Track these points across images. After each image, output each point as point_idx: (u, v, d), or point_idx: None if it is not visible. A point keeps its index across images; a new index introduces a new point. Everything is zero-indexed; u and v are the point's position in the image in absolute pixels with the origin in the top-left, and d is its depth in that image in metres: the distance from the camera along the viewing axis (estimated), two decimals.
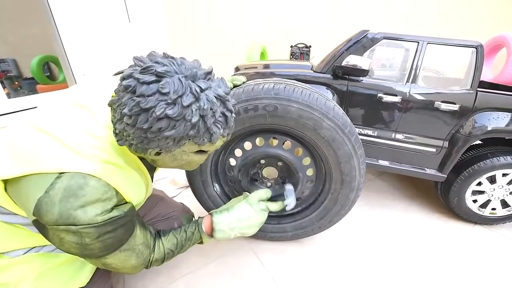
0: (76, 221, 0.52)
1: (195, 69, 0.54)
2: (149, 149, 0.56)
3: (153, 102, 0.49)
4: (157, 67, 0.50)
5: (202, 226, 0.82)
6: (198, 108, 0.52)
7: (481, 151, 1.34)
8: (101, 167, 0.55)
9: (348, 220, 1.46)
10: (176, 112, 0.50)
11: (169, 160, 0.63)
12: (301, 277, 1.11)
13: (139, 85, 0.50)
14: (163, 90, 0.49)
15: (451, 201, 1.42)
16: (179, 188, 1.80)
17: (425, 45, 1.29)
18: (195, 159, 0.65)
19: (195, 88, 0.52)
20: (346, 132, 0.94)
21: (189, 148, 0.59)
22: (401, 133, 1.38)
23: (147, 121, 0.50)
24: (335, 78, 1.38)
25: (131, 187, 0.62)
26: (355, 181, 1.02)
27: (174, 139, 0.54)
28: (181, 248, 0.80)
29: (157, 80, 0.50)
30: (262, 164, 1.16)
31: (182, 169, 0.72)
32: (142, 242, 0.69)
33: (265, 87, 0.94)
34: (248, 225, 0.84)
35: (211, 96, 0.54)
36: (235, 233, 0.83)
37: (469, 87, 1.27)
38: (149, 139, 0.53)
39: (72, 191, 0.51)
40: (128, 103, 0.50)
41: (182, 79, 0.51)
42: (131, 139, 0.54)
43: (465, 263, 1.21)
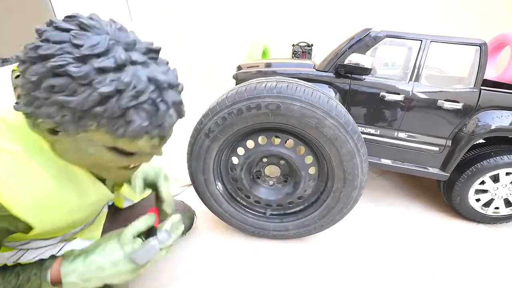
0: None
1: (137, 40, 0.43)
2: (38, 119, 0.40)
3: (55, 50, 0.37)
4: (84, 20, 0.39)
5: (48, 271, 0.52)
6: (117, 78, 0.38)
7: (484, 150, 1.33)
8: None
9: (350, 218, 1.45)
10: (81, 72, 0.37)
11: (71, 148, 0.45)
12: (303, 275, 1.11)
13: (51, 30, 0.39)
14: (75, 41, 0.37)
15: (453, 200, 1.42)
16: (182, 186, 1.81)
17: (428, 43, 1.29)
18: (106, 158, 0.47)
19: (124, 55, 0.39)
20: (349, 131, 0.94)
21: (98, 137, 0.43)
22: (403, 131, 1.37)
23: (38, 72, 0.37)
24: (338, 76, 1.38)
25: (29, 186, 0.45)
26: (358, 179, 1.02)
27: (74, 112, 0.39)
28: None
29: (73, 30, 0.39)
30: (264, 162, 1.17)
31: (95, 171, 0.53)
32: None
33: (268, 85, 0.94)
34: (112, 273, 0.55)
35: (142, 74, 0.40)
36: (95, 284, 0.55)
37: (472, 86, 1.27)
38: (39, 101, 0.39)
39: None
40: (29, 48, 0.38)
41: (110, 41, 0.39)
42: (22, 98, 0.40)
43: (468, 262, 1.21)
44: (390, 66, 1.59)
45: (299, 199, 1.17)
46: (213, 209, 1.21)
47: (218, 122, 0.99)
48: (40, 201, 0.47)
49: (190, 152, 1.09)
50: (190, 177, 1.15)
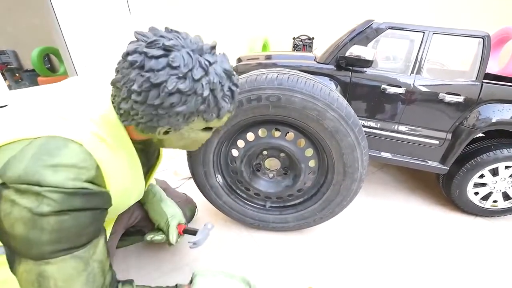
0: (41, 179, 0.43)
1: (200, 43, 0.53)
2: (158, 128, 0.54)
3: (164, 77, 0.47)
4: (164, 41, 0.48)
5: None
6: (208, 82, 0.51)
7: (484, 144, 1.33)
8: (88, 136, 0.50)
9: (349, 211, 1.46)
10: (187, 86, 0.49)
11: (176, 139, 0.62)
12: (303, 267, 1.12)
13: (147, 59, 0.47)
14: (174, 64, 0.47)
15: (452, 193, 1.43)
16: (182, 179, 1.81)
17: (431, 35, 1.27)
18: (201, 136, 0.63)
19: (204, 61, 0.50)
20: (350, 123, 0.94)
21: (196, 125, 0.58)
22: (404, 125, 1.37)
23: (158, 97, 0.48)
24: (339, 69, 1.37)
25: (115, 171, 0.55)
26: (358, 172, 1.02)
27: (185, 115, 0.52)
28: None
29: (166, 54, 0.48)
30: (264, 155, 1.16)
31: (186, 149, 0.71)
32: (100, 260, 0.54)
33: (268, 77, 0.93)
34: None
35: (219, 70, 0.53)
36: None
37: (474, 79, 1.26)
38: (160, 116, 0.51)
39: (47, 149, 0.45)
40: (137, 79, 0.48)
41: (190, 53, 0.50)
42: (140, 117, 0.51)
43: (466, 255, 1.22)
44: (391, 59, 1.58)
45: (299, 191, 1.17)
46: (213, 201, 1.21)
47: None
48: (119, 181, 0.58)
49: None
50: (190, 169, 1.15)
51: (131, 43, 0.51)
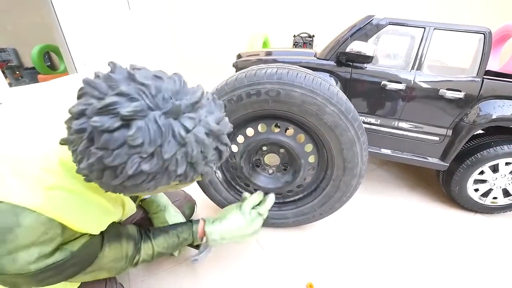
0: (3, 270, 0.41)
1: (177, 99, 0.40)
2: (126, 194, 0.47)
3: (122, 157, 0.36)
4: (122, 105, 0.36)
5: (197, 234, 0.81)
6: (185, 154, 0.40)
7: (484, 140, 1.33)
8: (43, 196, 0.43)
9: (349, 208, 1.46)
10: (155, 166, 0.38)
11: (152, 193, 0.54)
12: (302, 263, 1.12)
13: (98, 133, 0.35)
14: (134, 143, 0.36)
15: (452, 190, 1.42)
16: None
17: (432, 31, 1.26)
18: (177, 187, 0.54)
19: (178, 131, 0.39)
20: (349, 118, 0.93)
21: (178, 183, 0.49)
22: (404, 121, 1.36)
23: (115, 178, 0.38)
24: (339, 65, 1.36)
25: (89, 214, 0.51)
26: (357, 168, 1.02)
27: (157, 185, 0.43)
28: (172, 250, 0.78)
29: (124, 125, 0.36)
30: (264, 151, 1.16)
31: None
32: (113, 259, 0.59)
33: (268, 71, 0.93)
34: (240, 235, 0.84)
35: (201, 135, 0.41)
36: (228, 241, 0.84)
37: (475, 75, 1.25)
38: (126, 189, 0.42)
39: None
40: (86, 155, 0.37)
41: (159, 120, 0.37)
42: (101, 185, 0.43)
43: (466, 251, 1.22)
44: (392, 55, 1.57)
45: (298, 187, 1.17)
46: (212, 197, 1.21)
47: None
48: (97, 219, 0.54)
49: None
50: None
51: (78, 97, 0.39)
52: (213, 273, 1.07)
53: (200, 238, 0.82)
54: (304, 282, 1.03)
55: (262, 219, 0.89)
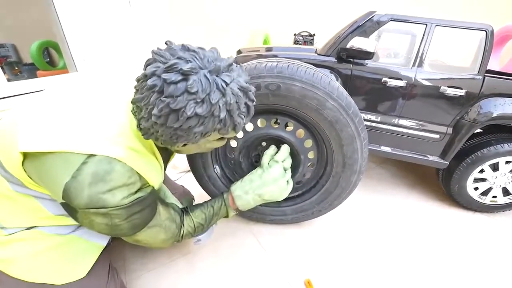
0: (105, 204, 0.54)
1: (218, 62, 0.54)
2: (176, 143, 0.59)
3: (183, 102, 0.50)
4: (182, 65, 0.50)
5: (228, 200, 0.89)
6: (225, 103, 0.54)
7: (485, 138, 1.32)
8: (125, 153, 0.56)
9: (348, 206, 1.46)
10: (205, 110, 0.52)
11: (192, 149, 0.69)
12: (300, 259, 1.11)
13: (166, 85, 0.49)
14: (192, 90, 0.49)
15: (452, 188, 1.42)
16: (180, 172, 1.80)
17: (433, 27, 1.25)
18: (215, 144, 0.69)
19: (221, 83, 0.53)
20: (350, 113, 0.92)
21: (212, 137, 0.63)
22: (404, 118, 1.36)
23: (177, 120, 0.52)
24: (339, 61, 1.35)
25: (151, 171, 0.64)
26: (357, 164, 1.01)
27: (202, 133, 0.56)
28: (210, 222, 0.86)
29: (184, 79, 0.50)
30: (263, 146, 1.15)
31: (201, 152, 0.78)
32: (167, 217, 0.73)
33: (268, 65, 0.92)
34: (261, 183, 0.88)
35: (235, 89, 0.55)
36: (253, 197, 0.88)
37: (476, 72, 1.25)
38: (178, 136, 0.55)
39: (99, 176, 0.52)
40: (156, 104, 0.50)
41: (207, 75, 0.52)
42: (160, 135, 0.56)
43: (465, 250, 1.22)
44: (393, 52, 1.56)
45: (298, 183, 1.16)
46: (210, 193, 1.20)
47: None
48: (155, 175, 0.66)
49: None
50: (188, 160, 1.14)
51: (149, 64, 0.53)
52: (211, 268, 1.06)
53: (231, 204, 0.89)
54: (302, 279, 1.02)
55: (281, 166, 0.91)
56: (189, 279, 1.01)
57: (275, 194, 0.90)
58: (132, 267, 1.05)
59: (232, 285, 1.00)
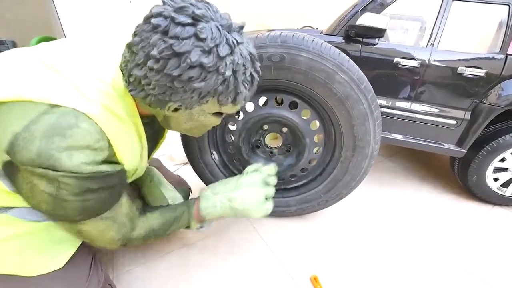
0: (57, 164, 0.43)
1: (230, 21, 0.49)
2: (169, 103, 0.50)
3: (189, 47, 0.43)
4: (193, 9, 0.44)
5: (193, 207, 0.74)
6: (232, 62, 0.47)
7: (506, 124, 1.21)
8: (100, 111, 0.47)
9: (356, 199, 1.35)
10: (211, 62, 0.45)
11: (184, 119, 0.57)
12: (305, 254, 1.01)
13: (173, 25, 0.43)
14: (201, 35, 0.43)
15: (469, 179, 1.31)
16: (177, 164, 1.72)
17: (450, 2, 1.15)
18: (210, 120, 0.59)
19: (231, 39, 0.47)
20: (362, 89, 0.83)
21: (209, 108, 0.55)
22: (418, 103, 1.25)
23: (178, 67, 0.44)
24: (348, 41, 1.25)
25: (126, 145, 0.54)
26: (369, 147, 0.91)
27: (201, 93, 0.48)
28: (166, 230, 0.70)
29: (194, 23, 0.44)
30: (265, 130, 1.06)
31: (190, 133, 0.66)
32: (126, 213, 0.61)
33: (271, 35, 0.82)
34: (235, 186, 0.75)
35: (245, 52, 0.50)
36: (221, 199, 0.74)
37: (498, 51, 1.14)
38: (174, 90, 0.47)
39: (58, 129, 0.42)
40: (158, 44, 0.43)
41: (219, 27, 0.46)
42: (152, 88, 0.47)
43: (482, 246, 1.11)
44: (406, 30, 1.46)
45: (303, 171, 1.06)
46: (207, 182, 1.10)
47: None
48: (129, 154, 0.56)
49: None
50: (183, 144, 1.05)
51: (156, 6, 0.46)
52: (206, 264, 0.96)
53: (195, 213, 0.74)
54: (307, 275, 0.92)
55: (264, 175, 0.78)
56: (182, 275, 0.91)
57: (248, 202, 0.73)
58: (121, 261, 0.96)
59: (230, 282, 0.90)
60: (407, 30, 1.41)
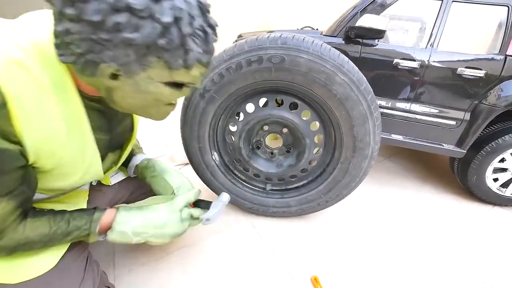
0: None
1: None
2: (101, 64, 0.38)
3: None
4: None
5: (97, 224, 0.56)
6: (172, 7, 0.37)
7: (506, 124, 1.22)
8: (5, 66, 0.37)
9: (357, 199, 1.36)
10: (142, 5, 0.35)
11: (130, 92, 0.44)
12: (305, 254, 1.02)
13: None
14: None
15: (469, 180, 1.32)
16: (178, 165, 1.72)
17: (450, 3, 1.16)
18: (164, 94, 0.46)
19: None
20: (362, 90, 0.83)
21: (157, 74, 0.42)
22: (418, 103, 1.26)
23: (99, 11, 0.34)
24: (347, 42, 1.26)
25: (38, 118, 0.42)
26: (369, 148, 0.92)
27: (138, 49, 0.38)
28: (48, 242, 0.53)
29: None
30: (265, 131, 1.06)
31: (148, 115, 0.52)
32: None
33: (271, 36, 0.83)
34: (160, 234, 0.62)
35: None
36: (138, 239, 0.60)
37: (497, 52, 1.15)
38: (102, 44, 0.36)
39: None
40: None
41: None
42: (76, 45, 0.37)
43: (482, 247, 1.12)
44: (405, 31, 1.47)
45: (303, 172, 1.07)
46: (208, 183, 1.11)
47: (214, 80, 0.88)
48: (45, 134, 0.44)
49: (184, 116, 0.99)
50: (184, 145, 1.06)
51: None
52: (207, 264, 0.96)
53: (101, 230, 0.57)
54: (307, 275, 0.93)
55: (191, 224, 0.69)
56: (183, 275, 0.92)
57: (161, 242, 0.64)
58: (122, 262, 0.96)
59: (230, 282, 0.90)
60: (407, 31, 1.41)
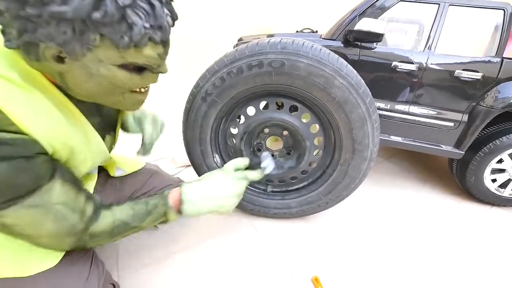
0: None
1: None
2: (40, 45, 0.37)
3: None
4: None
5: (168, 198, 0.64)
6: None
7: (504, 126, 1.23)
8: None
9: (357, 200, 1.37)
10: None
11: (82, 76, 0.42)
12: (306, 255, 1.03)
13: None
14: None
15: (467, 180, 1.33)
16: (179, 167, 1.74)
17: (447, 7, 1.18)
18: (120, 77, 0.44)
19: None
20: (360, 93, 0.85)
21: (105, 54, 0.40)
22: (416, 105, 1.28)
23: None
24: (346, 45, 1.28)
25: (34, 113, 0.42)
26: (368, 150, 0.93)
27: (73, 25, 0.35)
28: (139, 222, 0.61)
29: None
30: (266, 133, 1.08)
31: (119, 107, 0.52)
32: (63, 202, 0.49)
33: (272, 41, 0.85)
34: (223, 195, 0.68)
35: None
36: (208, 205, 0.67)
37: (494, 54, 1.17)
38: (33, 21, 0.34)
39: None
40: None
41: None
42: (11, 27, 0.36)
43: (481, 246, 1.13)
44: (403, 34, 1.49)
45: (303, 173, 1.08)
46: None
47: (216, 84, 0.90)
48: (47, 125, 0.44)
49: (186, 119, 1.00)
50: (186, 148, 1.07)
51: None
52: (210, 264, 0.98)
53: (174, 206, 0.64)
54: (308, 276, 0.94)
55: (247, 183, 0.74)
56: (187, 276, 0.93)
57: (229, 203, 0.70)
58: (126, 262, 0.98)
59: (233, 282, 0.92)
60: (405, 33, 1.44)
